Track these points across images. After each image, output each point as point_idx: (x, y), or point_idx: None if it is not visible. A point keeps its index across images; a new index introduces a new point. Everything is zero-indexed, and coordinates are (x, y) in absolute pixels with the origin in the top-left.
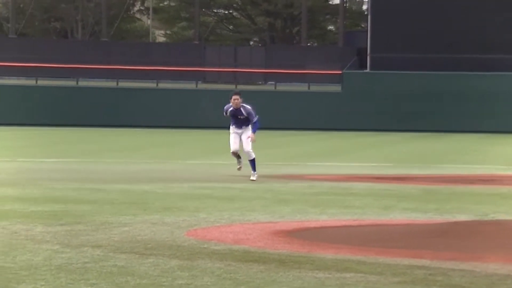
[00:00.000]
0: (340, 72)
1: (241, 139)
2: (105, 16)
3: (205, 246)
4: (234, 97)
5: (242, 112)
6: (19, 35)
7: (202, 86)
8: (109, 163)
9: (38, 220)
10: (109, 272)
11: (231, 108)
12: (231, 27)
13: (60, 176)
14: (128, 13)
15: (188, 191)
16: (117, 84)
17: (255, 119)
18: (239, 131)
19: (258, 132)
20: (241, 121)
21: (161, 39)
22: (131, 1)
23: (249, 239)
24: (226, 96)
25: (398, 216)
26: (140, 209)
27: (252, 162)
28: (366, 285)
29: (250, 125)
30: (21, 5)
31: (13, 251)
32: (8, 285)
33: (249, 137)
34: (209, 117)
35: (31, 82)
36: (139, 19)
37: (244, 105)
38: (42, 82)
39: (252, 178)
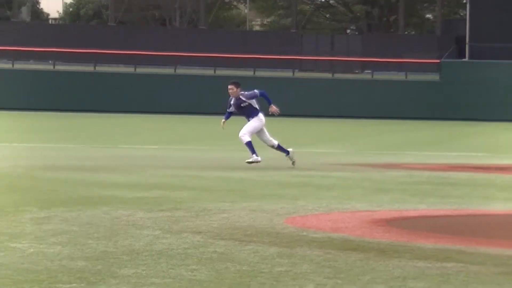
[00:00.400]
0: (438, 61)
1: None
2: (203, 4)
3: (304, 233)
4: (229, 87)
5: (243, 100)
6: (118, 23)
7: (298, 74)
8: (208, 151)
9: (139, 206)
10: (209, 258)
11: (233, 100)
12: (327, 15)
13: (159, 163)
14: (226, 0)
15: (286, 179)
16: (215, 72)
17: (257, 92)
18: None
19: (360, 121)
20: (246, 110)
21: (257, 28)
22: None
23: (347, 227)
24: (322, 85)
25: (499, 207)
26: (239, 196)
27: (247, 145)
28: (467, 275)
29: (254, 114)
30: None
31: (115, 236)
32: (110, 270)
33: (272, 111)
34: (306, 105)
35: (129, 69)
36: (237, 7)
37: (243, 92)
38: (140, 69)
39: (247, 160)
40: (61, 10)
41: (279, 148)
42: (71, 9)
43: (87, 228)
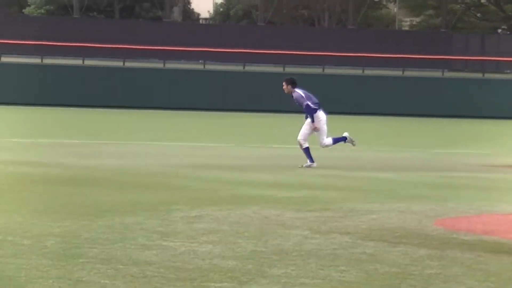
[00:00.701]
0: None
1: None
2: (352, 4)
3: (454, 236)
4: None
5: (293, 98)
6: (267, 23)
7: (448, 74)
8: (353, 150)
9: (288, 206)
10: (358, 259)
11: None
12: (478, 14)
13: (306, 162)
14: (375, 0)
15: (435, 180)
16: (363, 71)
17: (304, 104)
18: (308, 120)
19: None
20: (301, 107)
21: (406, 27)
22: None
23: (499, 230)
24: (472, 85)
25: None
26: (388, 196)
27: (335, 141)
28: None
29: (310, 113)
30: None
31: (264, 235)
32: (261, 269)
33: (313, 127)
34: (455, 105)
35: (278, 69)
36: (386, 7)
37: (296, 90)
38: (289, 69)
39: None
40: (211, 10)
41: (306, 151)
42: (221, 9)
43: (237, 227)
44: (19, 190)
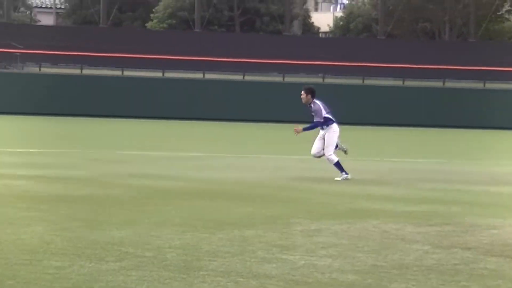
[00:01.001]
0: None
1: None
2: (473, 17)
3: None
4: (301, 93)
5: (312, 108)
6: (387, 36)
7: None
8: (476, 165)
9: (408, 220)
10: (480, 275)
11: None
12: None
13: (427, 176)
14: (497, 13)
15: None
16: (484, 85)
17: (318, 119)
18: (322, 131)
19: None
20: (316, 118)
21: None
22: (500, 1)
23: None
24: None
25: None
26: (510, 211)
27: (336, 165)
28: None
29: (325, 125)
30: (390, 7)
31: (384, 250)
32: (380, 284)
33: (295, 129)
34: None
35: (398, 82)
36: (508, 20)
37: (316, 101)
38: (408, 82)
39: (336, 178)
40: (331, 24)
41: (332, 161)
42: (341, 23)
43: (356, 241)
44: (141, 202)
